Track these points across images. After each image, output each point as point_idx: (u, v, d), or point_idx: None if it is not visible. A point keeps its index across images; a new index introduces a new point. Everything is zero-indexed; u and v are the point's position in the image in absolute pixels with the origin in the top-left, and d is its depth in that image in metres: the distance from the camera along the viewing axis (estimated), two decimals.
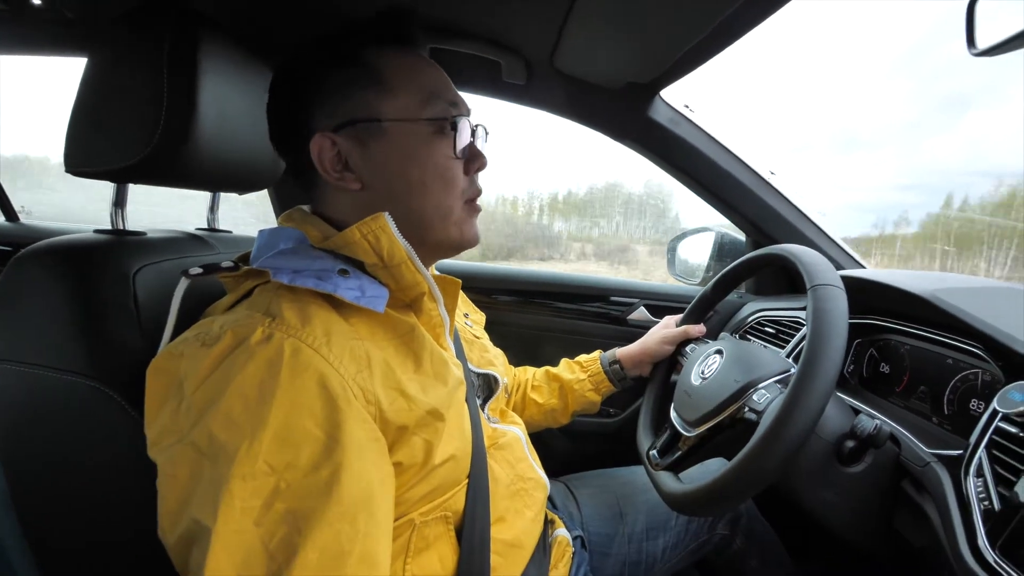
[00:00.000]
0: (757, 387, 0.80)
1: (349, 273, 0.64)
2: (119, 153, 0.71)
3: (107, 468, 0.67)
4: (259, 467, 0.49)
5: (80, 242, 0.69)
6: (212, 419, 0.51)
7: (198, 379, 0.53)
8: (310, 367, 0.54)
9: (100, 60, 0.74)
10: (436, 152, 0.70)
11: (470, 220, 0.75)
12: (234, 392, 0.51)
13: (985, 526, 0.61)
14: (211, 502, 0.48)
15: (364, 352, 0.61)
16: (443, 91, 0.71)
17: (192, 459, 0.50)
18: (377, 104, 0.68)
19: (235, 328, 0.56)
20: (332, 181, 0.69)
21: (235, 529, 0.47)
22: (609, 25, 0.97)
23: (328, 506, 0.50)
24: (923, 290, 0.87)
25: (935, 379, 0.87)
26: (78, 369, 0.63)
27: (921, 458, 0.73)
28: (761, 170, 1.38)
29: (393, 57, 0.70)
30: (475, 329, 1.02)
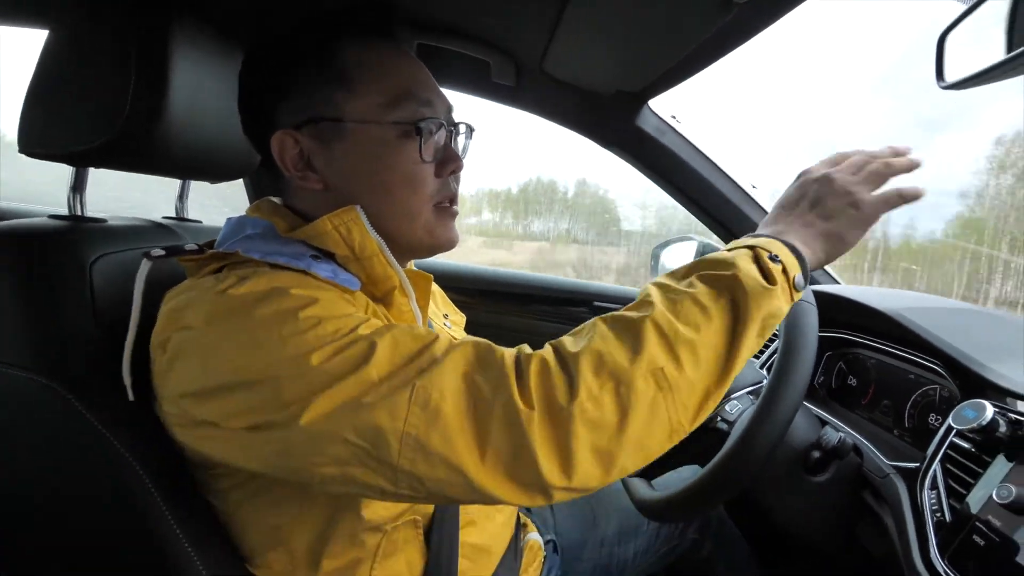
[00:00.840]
0: (730, 397, 0.82)
1: (321, 258, 0.62)
2: (79, 135, 0.66)
3: (50, 465, 0.63)
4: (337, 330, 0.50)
5: (33, 228, 0.65)
6: (307, 309, 0.51)
7: (221, 305, 0.52)
8: (320, 288, 0.56)
9: (63, 35, 0.69)
10: (402, 156, 0.65)
11: (442, 223, 0.71)
12: (284, 293, 0.52)
13: (937, 536, 0.63)
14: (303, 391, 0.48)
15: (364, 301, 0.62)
16: (416, 90, 0.67)
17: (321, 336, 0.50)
18: (341, 103, 0.64)
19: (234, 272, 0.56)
20: (295, 180, 0.67)
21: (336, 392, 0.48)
22: (600, 32, 0.96)
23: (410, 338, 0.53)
24: (888, 308, 0.89)
25: (898, 393, 0.89)
26: (25, 364, 0.59)
27: (881, 469, 0.76)
28: (743, 183, 1.40)
29: (363, 52, 0.66)
30: (454, 331, 0.99)
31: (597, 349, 0.51)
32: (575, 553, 1.01)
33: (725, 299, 0.55)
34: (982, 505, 0.61)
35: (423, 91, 0.67)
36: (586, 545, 1.02)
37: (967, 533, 0.60)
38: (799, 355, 0.71)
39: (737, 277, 0.54)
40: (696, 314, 0.53)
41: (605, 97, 1.26)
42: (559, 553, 0.99)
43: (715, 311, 0.54)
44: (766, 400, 0.69)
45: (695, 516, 1.03)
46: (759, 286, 0.54)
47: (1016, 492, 0.57)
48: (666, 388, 0.51)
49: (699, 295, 0.54)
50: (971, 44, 0.67)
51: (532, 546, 0.92)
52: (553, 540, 1.00)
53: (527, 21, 1.00)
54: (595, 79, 1.20)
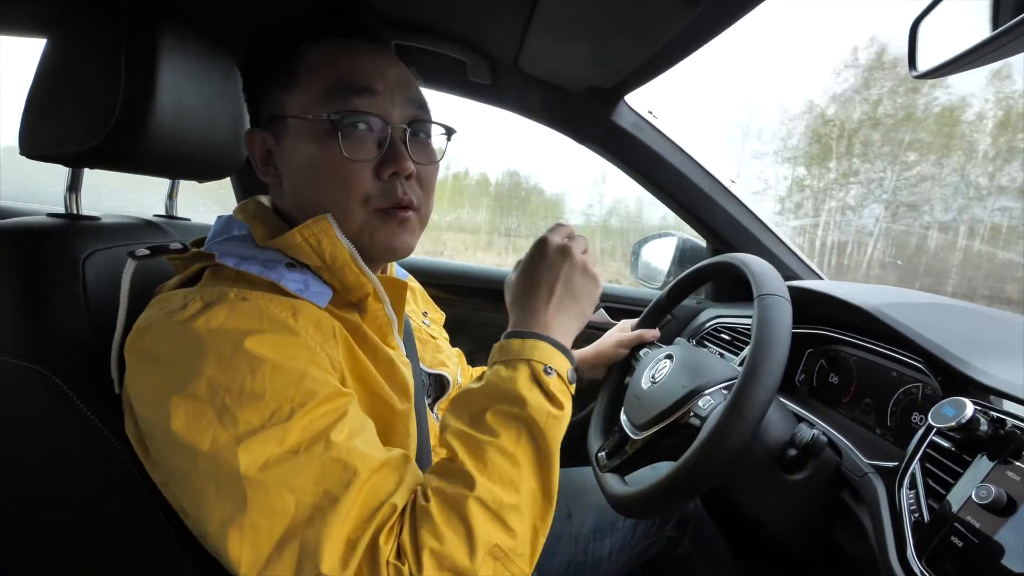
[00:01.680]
0: (703, 393, 0.80)
1: (295, 267, 0.64)
2: (74, 137, 0.69)
3: (48, 453, 0.66)
4: (269, 395, 0.51)
5: (31, 225, 0.68)
6: (205, 366, 0.51)
7: (176, 338, 0.53)
8: (285, 326, 0.56)
9: (58, 43, 0.72)
10: (328, 151, 0.63)
11: (382, 227, 0.67)
12: (220, 338, 0.52)
13: (914, 537, 0.60)
14: (230, 435, 0.49)
15: (331, 325, 0.61)
16: (352, 78, 0.64)
17: (189, 407, 0.50)
18: (285, 98, 0.65)
19: (202, 295, 0.56)
20: (263, 176, 0.69)
21: (259, 448, 0.49)
22: (572, 29, 0.96)
23: (341, 408, 0.54)
24: (868, 304, 0.87)
25: (880, 391, 0.87)
26: (20, 352, 0.62)
27: (860, 468, 0.73)
28: (722, 178, 1.38)
29: (312, 51, 0.65)
30: (432, 329, 0.99)
31: (436, 550, 0.51)
32: (549, 548, 0.99)
33: (525, 438, 0.58)
34: (961, 505, 0.58)
35: (361, 79, 0.65)
36: (561, 540, 1.02)
37: (945, 533, 0.58)
38: (771, 351, 0.69)
39: (530, 415, 0.58)
40: (508, 468, 0.56)
41: (581, 93, 1.25)
42: None
43: (521, 456, 0.58)
44: (737, 396, 0.67)
45: (666, 512, 1.01)
46: (550, 417, 0.59)
47: (996, 492, 0.55)
48: (503, 557, 0.54)
49: (503, 443, 0.57)
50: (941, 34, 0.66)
51: None
52: None
53: (500, 19, 1.00)
54: (569, 75, 1.20)
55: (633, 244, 1.79)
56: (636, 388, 0.94)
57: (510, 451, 0.57)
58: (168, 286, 0.65)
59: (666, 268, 1.65)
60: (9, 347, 0.62)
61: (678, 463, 0.69)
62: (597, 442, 0.99)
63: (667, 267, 1.65)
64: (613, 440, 0.93)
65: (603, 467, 0.89)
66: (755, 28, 16.38)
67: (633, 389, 0.95)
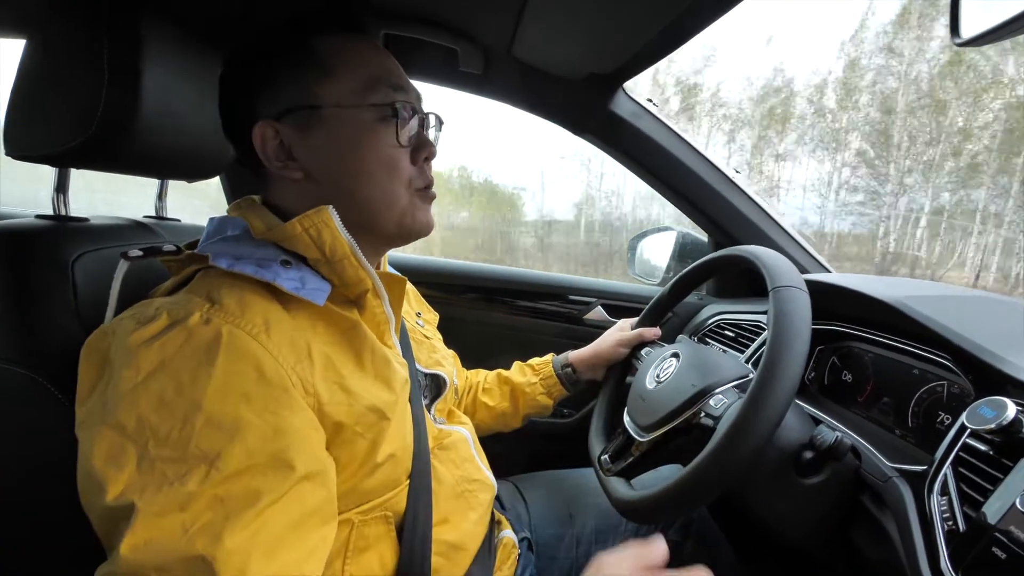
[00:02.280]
0: (714, 392, 0.75)
1: (291, 264, 0.62)
2: (58, 137, 0.68)
3: (38, 458, 0.66)
4: (191, 451, 0.48)
5: (19, 227, 0.67)
6: (142, 399, 0.49)
7: (127, 356, 0.51)
8: (248, 353, 0.52)
9: (38, 42, 0.70)
10: (379, 140, 0.66)
11: (421, 207, 0.71)
12: (167, 373, 0.50)
13: (948, 547, 0.55)
14: (137, 484, 0.46)
15: (304, 342, 0.58)
16: (388, 76, 0.68)
17: (113, 440, 0.48)
18: (317, 89, 0.64)
19: (171, 309, 0.54)
20: (276, 171, 0.66)
21: (157, 512, 0.46)
22: (569, 13, 0.92)
23: (259, 494, 0.49)
24: (890, 297, 0.82)
25: (900, 390, 0.81)
26: (9, 356, 0.62)
27: (883, 472, 0.68)
28: (725, 168, 1.32)
29: (338, 41, 0.66)
30: (426, 329, 0.96)
31: None
32: (551, 551, 0.96)
33: None
34: (1003, 514, 0.52)
35: (394, 78, 0.68)
36: (562, 543, 0.98)
37: (986, 544, 0.52)
38: (790, 345, 0.64)
39: None
40: None
41: (577, 82, 1.20)
42: (534, 551, 0.95)
43: None
44: (754, 395, 0.62)
45: (676, 517, 0.96)
46: None
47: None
48: None
49: None
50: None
51: (506, 544, 0.88)
52: (528, 538, 0.95)
53: (493, 4, 0.96)
54: (565, 62, 1.15)
55: (629, 239, 1.76)
56: (640, 388, 0.89)
57: None
58: (162, 289, 0.63)
59: (664, 264, 1.61)
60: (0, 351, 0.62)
61: (692, 465, 0.64)
62: (599, 445, 0.94)
63: (666, 263, 1.60)
64: (616, 443, 0.88)
65: (607, 471, 0.83)
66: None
67: (637, 389, 0.90)
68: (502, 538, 0.89)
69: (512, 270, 1.62)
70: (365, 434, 0.61)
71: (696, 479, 0.64)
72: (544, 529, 0.99)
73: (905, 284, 0.93)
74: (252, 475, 0.49)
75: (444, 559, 0.72)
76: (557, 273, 1.65)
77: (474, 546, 0.79)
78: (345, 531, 0.63)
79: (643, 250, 1.70)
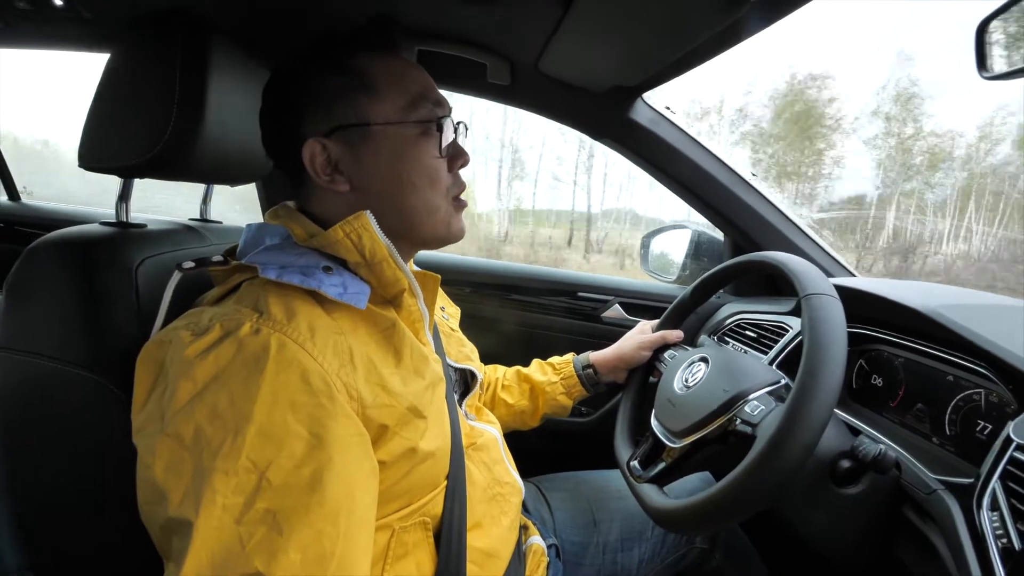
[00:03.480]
0: (748, 398, 0.73)
1: (332, 270, 0.63)
2: (131, 150, 0.71)
3: (103, 458, 0.67)
4: (242, 463, 0.48)
5: (88, 235, 0.70)
6: (198, 411, 0.50)
7: (184, 367, 0.52)
8: (295, 362, 0.53)
9: (117, 63, 0.74)
10: (423, 152, 0.69)
11: (456, 215, 0.75)
12: (221, 385, 0.51)
13: (1005, 566, 0.53)
14: (193, 496, 0.47)
15: (347, 347, 0.59)
16: (428, 93, 0.71)
17: (173, 450, 0.49)
18: (366, 108, 0.67)
19: (224, 321, 0.55)
20: (322, 183, 0.68)
21: (215, 526, 0.46)
22: (599, 35, 0.93)
23: (310, 506, 0.49)
24: (923, 306, 0.79)
25: (934, 397, 0.79)
26: (80, 361, 0.64)
27: (926, 484, 0.65)
28: (743, 172, 1.31)
29: (380, 62, 0.69)
30: (451, 322, 0.96)
31: None
32: (577, 558, 0.95)
33: None
34: None
35: (433, 94, 0.72)
36: (587, 550, 0.96)
37: None
38: (829, 349, 0.63)
39: None
40: None
41: (599, 92, 1.22)
42: (561, 558, 0.94)
43: None
44: (796, 400, 0.61)
45: (717, 528, 0.94)
46: None
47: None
48: None
49: None
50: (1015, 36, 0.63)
51: (536, 550, 0.88)
52: (555, 544, 0.94)
53: (528, 26, 0.98)
54: (591, 77, 1.17)
55: (642, 236, 1.74)
56: (668, 392, 0.87)
57: None
58: (209, 297, 0.65)
59: (680, 261, 1.60)
60: (71, 356, 0.64)
61: (735, 474, 0.62)
62: (626, 450, 0.92)
63: (681, 260, 1.59)
64: (645, 448, 0.86)
65: (639, 477, 0.82)
66: None
67: (665, 393, 0.88)
68: (531, 544, 0.88)
69: (527, 267, 1.61)
70: (406, 433, 0.61)
71: (739, 489, 0.61)
72: (569, 534, 0.98)
73: (936, 290, 0.91)
74: (300, 486, 0.49)
75: (478, 567, 0.72)
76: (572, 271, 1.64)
77: (507, 553, 0.78)
78: (385, 537, 0.63)
79: (656, 247, 1.68)
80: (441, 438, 0.68)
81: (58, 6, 1.03)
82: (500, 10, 0.93)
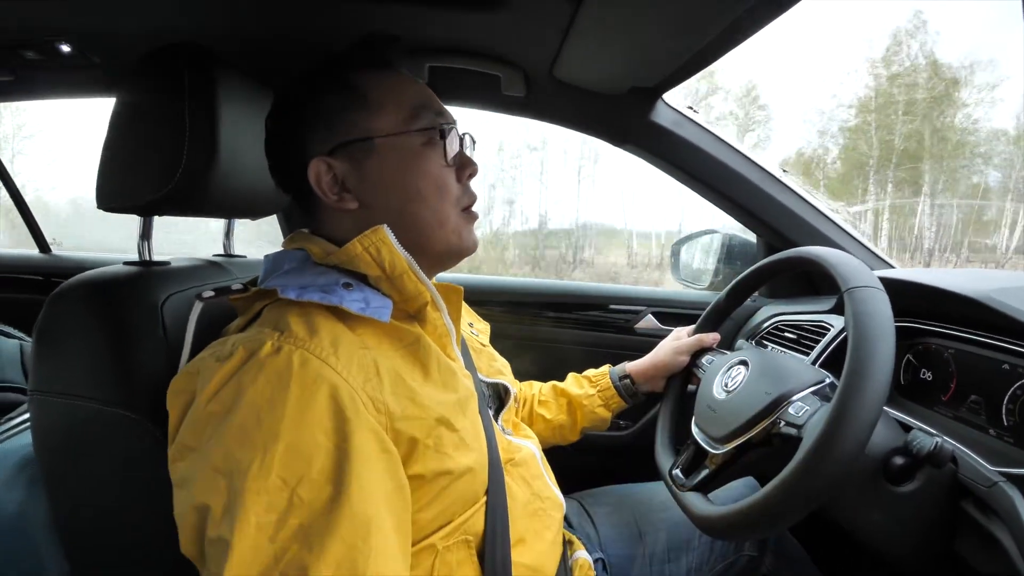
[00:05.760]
0: (791, 400, 0.72)
1: (353, 286, 0.63)
2: (146, 187, 0.72)
3: (140, 493, 0.68)
4: (272, 481, 0.48)
5: (112, 275, 0.71)
6: (227, 433, 0.51)
7: (210, 393, 0.53)
8: (319, 378, 0.54)
9: (126, 102, 0.76)
10: (428, 162, 0.69)
11: (468, 226, 0.74)
12: (246, 406, 0.51)
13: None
14: (228, 516, 0.48)
15: (372, 361, 0.59)
16: (429, 103, 0.71)
17: (208, 475, 0.50)
18: (366, 123, 0.68)
19: (246, 343, 0.56)
20: (331, 203, 0.68)
21: (251, 545, 0.47)
22: (613, 33, 0.92)
23: (339, 521, 0.49)
24: (975, 291, 0.77)
25: (989, 387, 0.76)
26: (113, 400, 0.65)
27: (986, 477, 0.63)
28: (772, 169, 1.29)
29: (377, 77, 0.70)
30: (481, 338, 0.96)
31: None
32: (624, 571, 0.93)
33: None
34: None
35: (433, 104, 0.72)
36: (634, 562, 0.94)
37: None
38: (876, 344, 0.61)
39: None
40: None
41: (618, 96, 1.20)
42: (609, 572, 0.92)
43: None
44: (843, 397, 0.59)
45: (767, 534, 0.92)
46: None
47: None
48: None
49: None
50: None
51: (582, 565, 0.86)
52: (602, 559, 0.93)
53: (537, 32, 0.98)
54: (608, 79, 1.15)
55: (672, 244, 1.72)
56: (708, 398, 0.86)
57: None
58: (233, 327, 0.66)
59: (712, 267, 1.57)
60: (104, 396, 0.65)
61: (783, 476, 0.61)
62: (668, 459, 0.91)
63: (713, 265, 1.57)
64: (687, 455, 0.85)
65: (682, 486, 0.80)
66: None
67: (704, 399, 0.87)
68: (577, 559, 0.87)
69: (557, 283, 1.61)
70: (438, 446, 0.61)
71: (789, 492, 0.60)
72: (614, 548, 0.96)
73: (984, 275, 0.88)
74: (330, 501, 0.50)
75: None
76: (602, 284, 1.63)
77: (551, 568, 0.77)
78: (429, 559, 0.62)
79: (687, 254, 1.66)
80: (478, 452, 0.67)
81: (66, 53, 1.05)
82: (508, 15, 0.92)
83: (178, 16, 0.91)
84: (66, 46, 1.02)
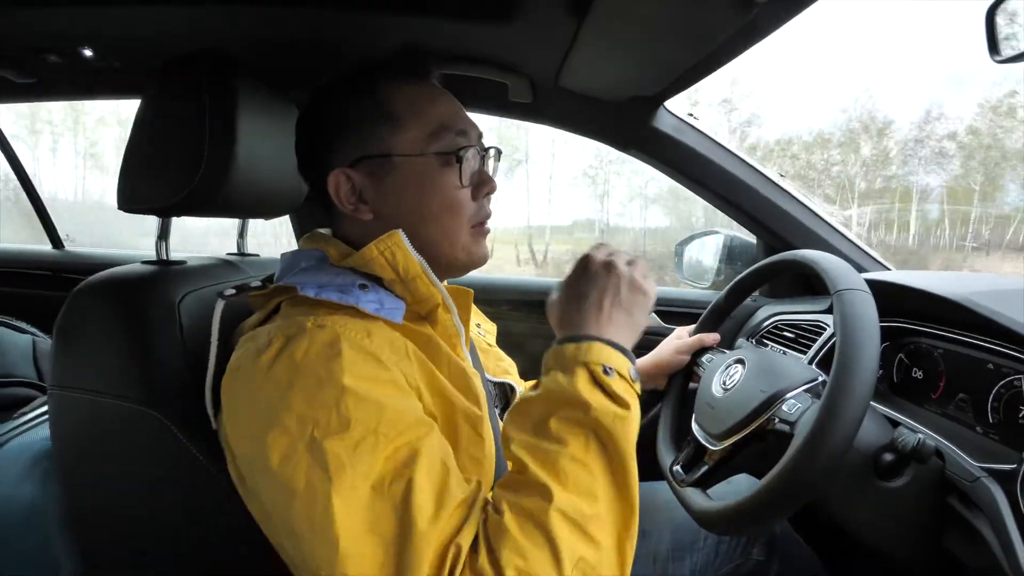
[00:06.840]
0: (785, 397, 0.75)
1: (368, 287, 0.66)
2: (167, 190, 0.75)
3: (157, 488, 0.71)
4: (353, 430, 0.52)
5: (131, 274, 0.74)
6: (294, 402, 0.54)
7: (263, 377, 0.56)
8: (363, 349, 0.58)
9: (150, 105, 0.79)
10: (444, 183, 0.71)
11: (477, 242, 0.75)
12: (305, 374, 0.55)
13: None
14: (320, 470, 0.50)
15: (403, 344, 0.64)
16: (452, 122, 0.72)
17: (282, 444, 0.52)
18: (388, 140, 0.69)
19: (282, 329, 0.59)
20: (348, 212, 0.71)
21: (349, 485, 0.50)
22: (617, 43, 0.95)
23: (424, 440, 0.54)
24: (956, 293, 0.80)
25: (975, 385, 0.80)
26: (132, 396, 0.67)
27: (969, 472, 0.66)
28: (770, 173, 1.33)
29: (405, 91, 0.71)
30: (488, 338, 0.98)
31: (521, 569, 0.49)
32: None
33: (594, 444, 0.56)
34: None
35: (458, 123, 0.73)
36: (637, 561, 0.94)
37: None
38: (861, 348, 0.64)
39: (595, 419, 0.56)
40: (583, 477, 0.54)
41: (620, 103, 1.24)
42: None
43: (593, 462, 0.55)
44: (832, 395, 0.62)
45: (760, 528, 0.94)
46: (616, 419, 0.56)
47: None
48: (591, 572, 0.52)
49: (572, 451, 0.55)
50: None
51: None
52: None
53: (545, 42, 1.00)
54: (610, 88, 1.20)
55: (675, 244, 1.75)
56: (707, 396, 0.89)
57: (580, 458, 0.55)
58: (250, 324, 0.69)
59: (714, 267, 1.60)
60: (122, 392, 0.67)
61: (775, 471, 0.64)
62: (669, 456, 0.94)
63: (715, 265, 1.59)
64: (687, 452, 0.88)
65: (681, 482, 0.83)
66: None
67: (704, 397, 0.90)
68: None
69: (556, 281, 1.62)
70: (451, 435, 0.64)
71: (781, 486, 0.63)
72: None
73: (969, 279, 0.92)
74: (408, 440, 0.54)
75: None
76: None
77: None
78: None
79: (690, 254, 1.69)
80: (487, 448, 0.69)
81: (88, 57, 1.07)
82: (516, 27, 0.94)
83: (198, 25, 0.94)
84: (88, 51, 1.05)
